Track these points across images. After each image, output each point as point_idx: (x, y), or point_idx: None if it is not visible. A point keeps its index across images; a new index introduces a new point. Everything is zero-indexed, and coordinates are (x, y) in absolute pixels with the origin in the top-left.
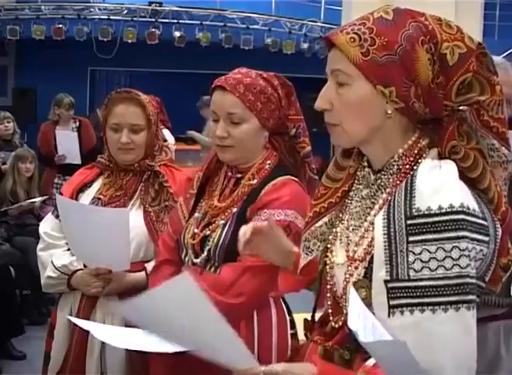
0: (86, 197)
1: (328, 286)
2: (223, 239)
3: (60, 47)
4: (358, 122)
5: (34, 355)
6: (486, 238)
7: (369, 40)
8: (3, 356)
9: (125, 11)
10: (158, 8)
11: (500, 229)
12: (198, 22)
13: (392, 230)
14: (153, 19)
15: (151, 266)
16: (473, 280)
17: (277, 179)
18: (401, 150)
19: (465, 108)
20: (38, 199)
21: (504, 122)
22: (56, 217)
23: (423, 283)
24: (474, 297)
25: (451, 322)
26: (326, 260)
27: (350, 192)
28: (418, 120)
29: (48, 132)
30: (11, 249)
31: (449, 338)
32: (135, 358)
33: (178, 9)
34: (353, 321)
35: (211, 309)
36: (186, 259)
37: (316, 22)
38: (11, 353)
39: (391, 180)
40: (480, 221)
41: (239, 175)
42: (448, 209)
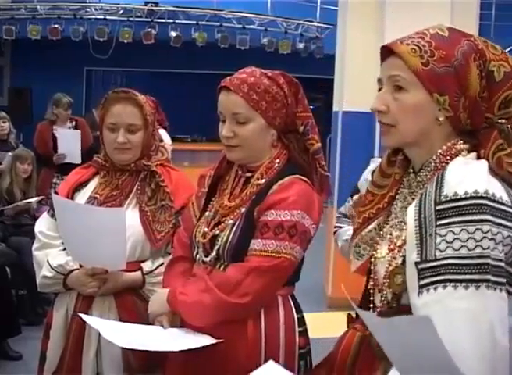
0: (82, 196)
1: (371, 281)
2: (231, 239)
3: (56, 47)
4: (412, 125)
5: (30, 356)
6: None
7: (429, 52)
8: None
9: (121, 11)
10: (154, 8)
11: None
12: (194, 22)
13: (422, 217)
14: (149, 19)
15: (147, 266)
16: (497, 263)
17: (285, 178)
18: (440, 150)
19: (503, 121)
20: (34, 199)
21: None
22: (52, 216)
23: (447, 261)
24: (497, 279)
25: (471, 298)
26: (372, 258)
27: (396, 196)
28: (459, 130)
29: (45, 131)
30: (7, 249)
31: (469, 314)
32: (131, 357)
33: (174, 9)
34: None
35: None
36: (197, 257)
37: (312, 22)
38: (7, 353)
39: (428, 177)
40: (507, 209)
41: (248, 174)
42: (473, 194)
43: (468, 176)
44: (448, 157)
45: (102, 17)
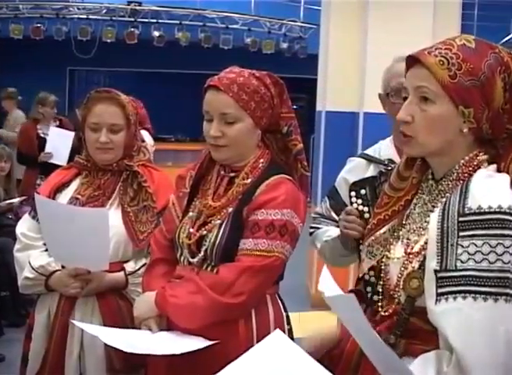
0: (63, 197)
1: (381, 281)
2: (220, 239)
3: (38, 46)
4: (434, 136)
5: (13, 357)
6: None
7: (456, 64)
8: None
9: (104, 10)
10: (137, 7)
11: None
12: (177, 21)
13: (445, 226)
14: (132, 18)
15: (130, 266)
16: None
17: (271, 178)
18: (462, 161)
19: None
20: (16, 200)
21: None
22: (33, 218)
23: (468, 273)
24: None
25: (488, 310)
26: (383, 257)
27: (413, 200)
28: (479, 137)
29: (30, 130)
30: None
31: (486, 325)
32: (114, 357)
33: (157, 9)
34: (322, 284)
35: None
36: (181, 259)
37: (295, 22)
38: None
39: (450, 186)
40: None
41: (232, 174)
42: (497, 209)
43: (492, 190)
44: (470, 168)
45: (85, 17)
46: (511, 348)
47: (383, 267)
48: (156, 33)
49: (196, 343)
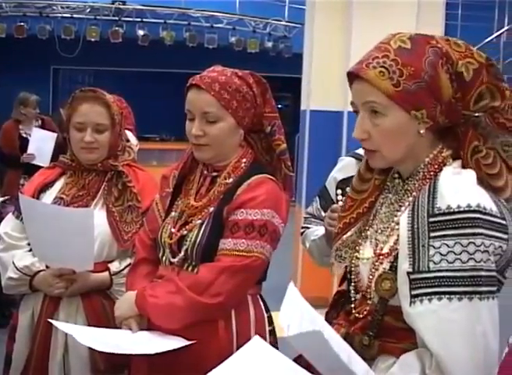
0: (48, 197)
1: (352, 282)
2: (200, 239)
3: (22, 45)
4: (395, 146)
5: None
6: (505, 236)
7: (397, 71)
8: None
9: (88, 9)
10: (122, 6)
11: None
12: (162, 20)
13: (415, 227)
14: (116, 17)
15: (114, 266)
16: (489, 273)
17: (253, 178)
18: (427, 159)
19: (480, 114)
20: None
21: None
22: (17, 218)
23: (441, 273)
24: (489, 288)
25: (464, 310)
26: (353, 258)
27: (379, 200)
28: (437, 129)
29: (12, 131)
30: None
31: (462, 325)
32: (98, 358)
33: (141, 8)
34: (283, 316)
35: None
36: (163, 259)
37: (280, 21)
38: None
39: (416, 185)
40: (498, 220)
41: (214, 173)
42: (466, 208)
43: (460, 189)
44: (436, 166)
45: (69, 15)
46: (489, 347)
47: (353, 268)
48: (141, 32)
49: (173, 343)
